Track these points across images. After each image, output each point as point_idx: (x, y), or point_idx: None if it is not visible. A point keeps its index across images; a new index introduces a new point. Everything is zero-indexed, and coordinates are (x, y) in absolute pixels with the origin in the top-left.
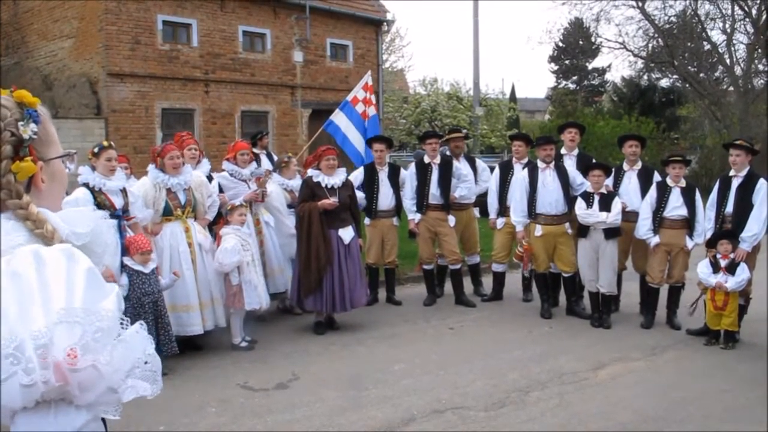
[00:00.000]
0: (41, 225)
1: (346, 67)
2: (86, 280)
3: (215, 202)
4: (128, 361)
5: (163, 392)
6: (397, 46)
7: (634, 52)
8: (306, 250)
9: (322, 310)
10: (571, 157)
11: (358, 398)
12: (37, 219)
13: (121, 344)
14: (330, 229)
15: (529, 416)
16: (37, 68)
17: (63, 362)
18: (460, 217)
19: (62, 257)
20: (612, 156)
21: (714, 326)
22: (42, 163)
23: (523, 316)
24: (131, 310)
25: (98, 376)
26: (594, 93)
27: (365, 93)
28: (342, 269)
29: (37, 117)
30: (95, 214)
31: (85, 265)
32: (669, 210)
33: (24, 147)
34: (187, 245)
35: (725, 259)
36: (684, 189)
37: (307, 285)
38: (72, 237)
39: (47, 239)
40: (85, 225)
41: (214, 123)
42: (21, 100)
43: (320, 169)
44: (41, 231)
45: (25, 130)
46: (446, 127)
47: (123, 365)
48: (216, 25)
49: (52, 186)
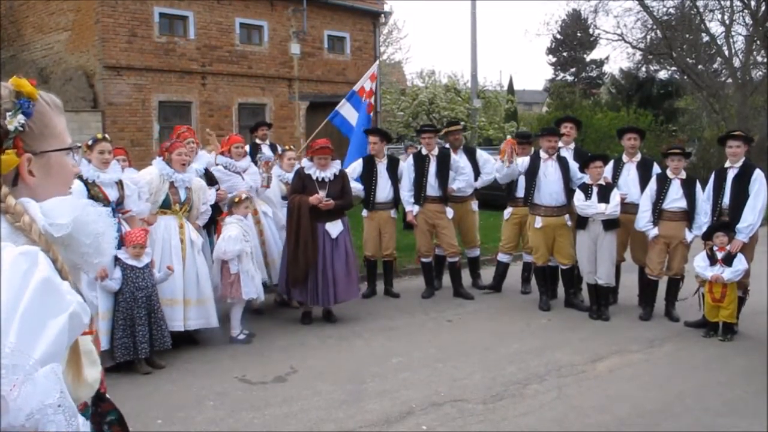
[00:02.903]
0: (18, 218)
1: (343, 60)
2: (37, 292)
3: (208, 211)
4: (31, 403)
5: (160, 386)
6: (394, 38)
7: (633, 44)
8: (294, 243)
9: (307, 304)
10: (568, 150)
11: (356, 391)
12: (15, 211)
13: (30, 383)
14: (317, 223)
15: (528, 409)
16: (33, 61)
17: None
18: (457, 210)
19: (22, 262)
20: (610, 148)
21: (712, 318)
22: (30, 156)
23: (522, 309)
24: (124, 304)
25: (4, 410)
26: (592, 85)
27: (372, 84)
28: (327, 263)
29: (28, 108)
30: (80, 202)
31: (43, 274)
32: (668, 202)
33: (9, 139)
34: (180, 241)
35: (722, 251)
36: (684, 181)
37: (293, 277)
38: (49, 228)
39: (26, 231)
40: (66, 215)
41: (211, 116)
42: (19, 89)
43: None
44: (19, 224)
45: (11, 121)
46: (444, 119)
47: (26, 405)
48: (213, 18)
49: (46, 180)
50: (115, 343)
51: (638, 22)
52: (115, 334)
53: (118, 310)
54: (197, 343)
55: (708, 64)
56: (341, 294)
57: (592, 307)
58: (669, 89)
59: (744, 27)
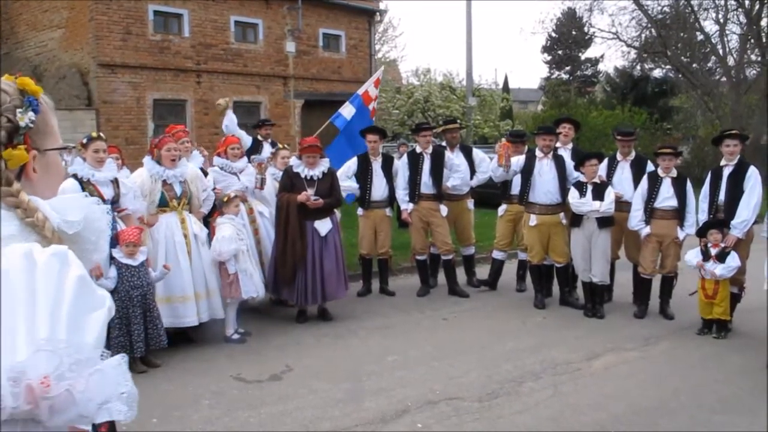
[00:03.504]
0: (32, 213)
1: (338, 58)
2: (75, 291)
3: (210, 196)
4: (103, 393)
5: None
6: (389, 36)
7: (627, 43)
8: (283, 241)
9: (296, 303)
10: (566, 150)
11: (352, 390)
12: (28, 207)
13: (98, 374)
14: (306, 221)
15: (523, 407)
16: (27, 59)
17: (36, 387)
18: (452, 208)
19: (54, 262)
20: (605, 147)
21: (706, 315)
22: (36, 153)
23: (517, 307)
24: (119, 303)
25: (71, 402)
26: (587, 83)
27: (376, 90)
28: (316, 262)
29: (36, 106)
30: (87, 200)
31: (77, 273)
32: (660, 201)
33: (19, 135)
34: (183, 236)
35: (716, 248)
36: (675, 179)
37: (282, 276)
38: (64, 225)
39: (38, 228)
40: (78, 212)
41: (206, 114)
42: (23, 87)
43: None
44: (32, 219)
45: (22, 117)
46: (439, 117)
47: (97, 395)
48: (207, 15)
49: (46, 177)
50: (110, 342)
51: (633, 21)
52: (111, 332)
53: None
54: (192, 341)
55: (702, 62)
56: (331, 292)
57: (587, 305)
58: (664, 88)
59: (738, 26)
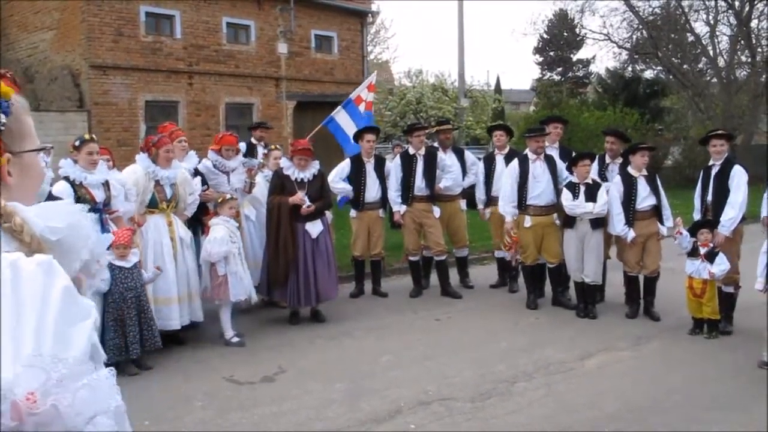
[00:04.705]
0: (9, 219)
1: (330, 59)
2: (61, 302)
3: (196, 200)
4: (91, 407)
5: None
6: (382, 38)
7: (619, 44)
8: (274, 243)
9: (289, 304)
10: (553, 149)
11: (345, 391)
12: (5, 212)
13: (86, 389)
14: (297, 223)
15: (517, 407)
16: (18, 60)
17: (22, 404)
18: (445, 209)
19: (39, 273)
20: (597, 147)
21: (696, 314)
22: (10, 156)
23: (510, 307)
24: (114, 305)
25: (57, 417)
26: (579, 84)
27: (369, 94)
28: (308, 263)
29: (6, 108)
30: (73, 207)
31: (62, 283)
32: (640, 201)
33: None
34: (170, 239)
35: (705, 247)
36: (647, 177)
37: (274, 277)
38: (47, 232)
39: (17, 233)
40: (61, 219)
41: (198, 115)
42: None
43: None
44: (9, 225)
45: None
46: (431, 119)
47: (85, 410)
48: (199, 17)
49: (23, 181)
50: (105, 344)
51: (624, 22)
52: (106, 335)
53: (108, 311)
54: (183, 343)
55: (693, 63)
56: (323, 293)
57: (580, 305)
58: (655, 88)
59: (728, 27)
